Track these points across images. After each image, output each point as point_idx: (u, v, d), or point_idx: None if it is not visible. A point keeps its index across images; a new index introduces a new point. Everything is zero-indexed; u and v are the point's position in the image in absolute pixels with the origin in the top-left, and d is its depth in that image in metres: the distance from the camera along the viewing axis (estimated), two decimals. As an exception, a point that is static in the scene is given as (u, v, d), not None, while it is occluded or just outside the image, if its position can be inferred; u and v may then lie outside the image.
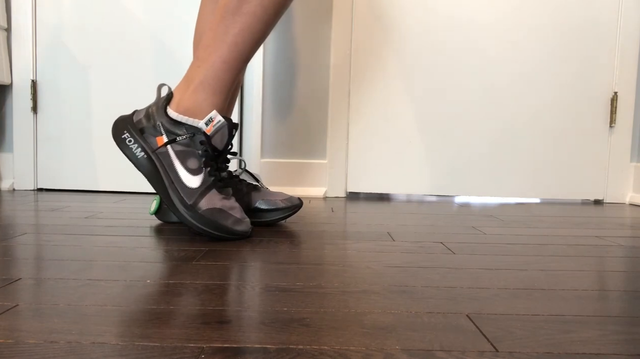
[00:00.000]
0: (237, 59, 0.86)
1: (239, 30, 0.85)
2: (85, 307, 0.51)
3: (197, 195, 0.83)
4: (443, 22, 1.58)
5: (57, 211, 1.17)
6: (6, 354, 0.39)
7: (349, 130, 1.62)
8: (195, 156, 0.84)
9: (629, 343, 0.45)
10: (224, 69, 0.85)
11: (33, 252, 0.75)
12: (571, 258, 0.78)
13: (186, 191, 0.83)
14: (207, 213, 0.83)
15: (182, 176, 0.84)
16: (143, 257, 0.73)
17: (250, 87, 1.61)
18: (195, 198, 0.83)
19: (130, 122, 0.87)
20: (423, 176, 1.62)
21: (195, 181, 0.83)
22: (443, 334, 0.45)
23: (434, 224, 1.09)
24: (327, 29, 1.60)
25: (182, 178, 0.83)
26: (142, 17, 1.55)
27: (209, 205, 0.83)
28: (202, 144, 0.84)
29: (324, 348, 0.42)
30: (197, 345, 0.42)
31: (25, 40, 1.57)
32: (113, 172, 1.58)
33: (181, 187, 0.83)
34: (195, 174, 0.84)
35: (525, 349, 0.42)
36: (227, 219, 0.84)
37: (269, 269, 0.68)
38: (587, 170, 1.61)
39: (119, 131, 0.87)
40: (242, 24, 0.85)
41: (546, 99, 1.60)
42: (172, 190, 0.84)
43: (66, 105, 1.58)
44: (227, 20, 0.85)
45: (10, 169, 1.62)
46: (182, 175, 0.84)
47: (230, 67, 0.86)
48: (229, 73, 0.86)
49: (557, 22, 1.58)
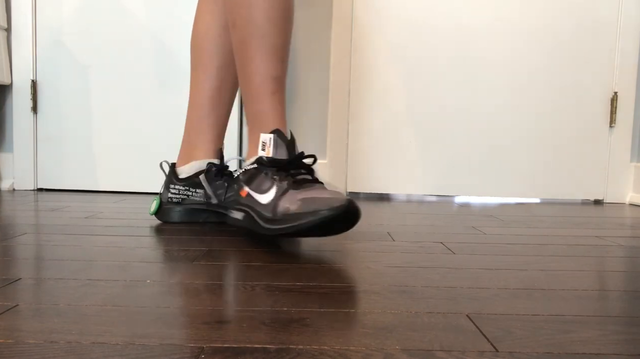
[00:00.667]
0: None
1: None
2: (85, 307, 0.51)
3: (273, 205, 0.79)
4: (442, 22, 1.58)
5: (57, 211, 1.17)
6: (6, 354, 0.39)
7: (349, 130, 1.62)
8: (262, 177, 0.83)
9: (629, 343, 0.45)
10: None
11: (33, 252, 0.75)
12: (571, 258, 0.78)
13: (263, 207, 0.80)
14: (285, 212, 0.77)
15: (258, 199, 0.82)
16: (143, 257, 0.73)
17: (250, 87, 1.61)
18: (272, 207, 0.79)
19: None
20: (423, 176, 1.62)
21: (269, 195, 0.81)
22: (443, 334, 0.45)
23: (434, 224, 1.09)
24: (327, 29, 1.60)
25: (258, 200, 0.82)
26: (142, 17, 1.55)
27: (288, 204, 0.77)
28: (263, 164, 0.84)
29: (324, 348, 0.42)
30: (197, 345, 0.42)
31: (25, 40, 1.57)
32: (113, 172, 1.58)
33: (260, 207, 0.81)
34: (269, 191, 0.81)
35: (525, 349, 0.42)
36: (315, 203, 0.74)
37: (269, 269, 0.68)
38: (587, 170, 1.61)
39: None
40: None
41: (546, 99, 1.60)
42: (255, 215, 0.81)
43: (66, 105, 1.58)
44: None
45: (10, 169, 1.62)
46: (258, 198, 0.82)
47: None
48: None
49: (557, 22, 1.58)
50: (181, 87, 1.56)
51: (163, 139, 1.57)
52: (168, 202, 1.03)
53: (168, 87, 1.56)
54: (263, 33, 0.87)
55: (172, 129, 1.56)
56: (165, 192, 1.04)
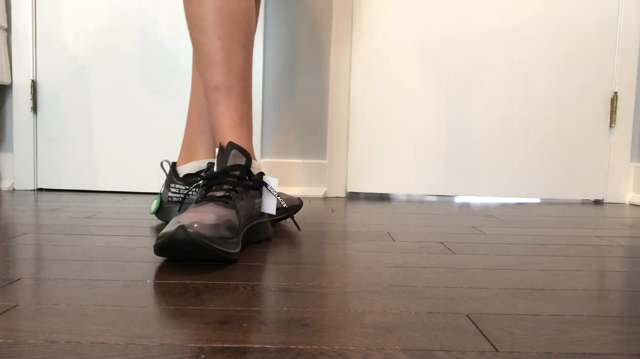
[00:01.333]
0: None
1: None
2: (85, 307, 0.51)
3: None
4: (442, 22, 1.58)
5: (57, 211, 1.17)
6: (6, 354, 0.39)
7: (349, 130, 1.62)
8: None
9: (629, 343, 0.45)
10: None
11: (33, 252, 0.75)
12: (571, 258, 0.78)
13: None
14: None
15: None
16: (143, 257, 0.73)
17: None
18: None
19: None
20: (423, 176, 1.62)
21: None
22: (443, 334, 0.45)
23: (434, 224, 1.09)
24: (327, 28, 1.60)
25: None
26: (142, 17, 1.55)
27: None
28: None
29: (324, 348, 0.42)
30: (197, 345, 0.42)
31: (25, 40, 1.57)
32: (113, 172, 1.58)
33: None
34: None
35: (525, 349, 0.42)
36: (167, 226, 0.72)
37: (269, 269, 0.68)
38: (587, 170, 1.61)
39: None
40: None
41: (546, 99, 1.60)
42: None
43: (66, 105, 1.58)
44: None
45: (10, 169, 1.62)
46: None
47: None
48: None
49: (557, 22, 1.58)
50: (181, 88, 1.56)
51: (163, 139, 1.57)
52: (168, 201, 1.03)
53: (168, 88, 1.56)
54: (196, 43, 0.85)
55: (172, 129, 1.56)
56: (165, 192, 1.04)
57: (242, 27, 0.85)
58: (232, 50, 0.85)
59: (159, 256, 0.70)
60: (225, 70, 0.85)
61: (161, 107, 1.56)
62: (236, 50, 0.85)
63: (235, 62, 0.85)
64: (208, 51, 0.84)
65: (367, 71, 1.60)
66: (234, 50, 0.85)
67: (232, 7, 0.84)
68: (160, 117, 1.56)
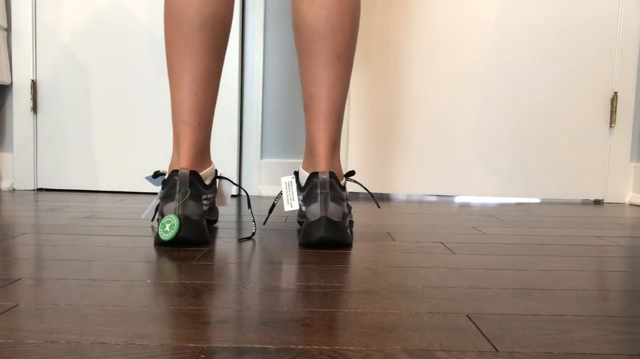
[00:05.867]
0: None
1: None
2: (85, 307, 0.51)
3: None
4: (441, 22, 1.58)
5: (57, 211, 1.17)
6: (6, 354, 0.39)
7: (349, 130, 1.62)
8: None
9: (629, 343, 0.45)
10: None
11: (33, 252, 0.75)
12: (571, 258, 0.78)
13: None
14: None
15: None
16: (143, 257, 0.73)
17: (251, 87, 1.61)
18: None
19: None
20: (423, 176, 1.62)
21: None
22: (443, 334, 0.45)
23: (434, 224, 1.09)
24: (327, 29, 1.60)
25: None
26: (142, 17, 1.55)
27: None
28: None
29: (324, 348, 0.42)
30: (197, 345, 0.42)
31: (25, 40, 1.57)
32: (113, 172, 1.58)
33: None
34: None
35: (525, 349, 0.42)
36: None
37: (269, 269, 0.68)
38: (587, 170, 1.61)
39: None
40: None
41: (546, 99, 1.60)
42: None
43: (66, 105, 1.58)
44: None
45: (10, 169, 1.62)
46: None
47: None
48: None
49: (557, 21, 1.58)
50: (181, 87, 1.56)
51: (163, 139, 1.57)
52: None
53: (168, 88, 1.56)
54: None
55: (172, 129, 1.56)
56: (198, 205, 1.02)
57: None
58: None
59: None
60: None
61: (161, 107, 1.56)
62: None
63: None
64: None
65: (367, 71, 1.60)
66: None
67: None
68: (160, 117, 1.56)
